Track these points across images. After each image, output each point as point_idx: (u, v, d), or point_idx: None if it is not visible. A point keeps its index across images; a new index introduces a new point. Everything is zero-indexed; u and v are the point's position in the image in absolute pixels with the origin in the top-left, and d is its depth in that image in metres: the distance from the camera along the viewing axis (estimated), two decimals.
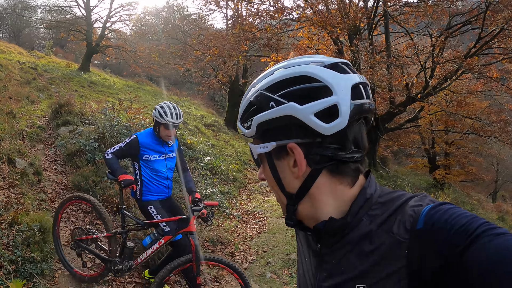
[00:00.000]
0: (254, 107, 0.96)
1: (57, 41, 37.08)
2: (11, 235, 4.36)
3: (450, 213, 0.78)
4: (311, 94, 0.87)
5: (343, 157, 0.89)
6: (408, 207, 0.85)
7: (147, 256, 3.98)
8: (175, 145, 4.36)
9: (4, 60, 15.64)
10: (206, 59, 17.48)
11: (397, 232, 0.82)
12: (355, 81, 0.89)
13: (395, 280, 0.81)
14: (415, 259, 0.78)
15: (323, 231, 0.93)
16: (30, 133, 8.35)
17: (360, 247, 0.88)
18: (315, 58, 0.95)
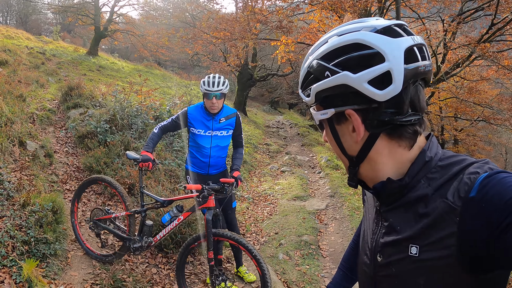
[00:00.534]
0: (312, 76, 1.01)
1: (64, 26, 37.06)
2: (24, 216, 4.35)
3: (504, 182, 0.78)
4: (364, 62, 0.89)
5: (400, 121, 0.91)
6: (465, 173, 0.86)
7: (166, 233, 3.98)
8: (227, 123, 4.27)
9: (12, 45, 15.62)
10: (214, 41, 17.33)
11: (451, 198, 0.85)
12: (408, 44, 0.89)
13: (446, 244, 0.84)
14: (466, 227, 0.81)
15: (381, 191, 0.99)
16: (40, 116, 8.34)
17: (416, 209, 0.92)
18: (368, 23, 0.95)
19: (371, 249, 1.08)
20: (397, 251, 0.96)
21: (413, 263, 0.92)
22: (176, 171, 6.91)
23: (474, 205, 0.80)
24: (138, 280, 4.12)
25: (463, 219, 0.81)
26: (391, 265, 0.99)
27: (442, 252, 0.85)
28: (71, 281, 3.97)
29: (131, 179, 6.06)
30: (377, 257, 1.04)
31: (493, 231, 0.75)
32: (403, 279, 0.96)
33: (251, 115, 21.79)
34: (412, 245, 0.91)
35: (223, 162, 4.43)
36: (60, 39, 27.11)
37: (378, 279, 1.05)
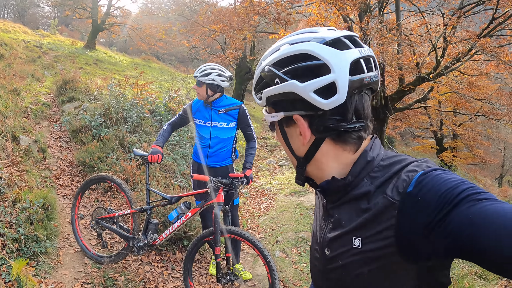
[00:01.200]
0: (263, 81, 1.07)
1: (62, 20, 36.83)
2: (14, 213, 4.26)
3: (439, 177, 0.85)
4: (311, 72, 0.95)
5: (344, 128, 0.98)
6: (404, 171, 0.92)
7: (172, 230, 3.87)
8: (228, 115, 4.15)
9: (9, 39, 15.47)
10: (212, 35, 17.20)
11: (390, 194, 0.90)
12: (355, 57, 0.95)
13: (385, 236, 0.90)
14: (404, 219, 0.86)
15: (327, 189, 1.05)
16: (34, 110, 8.23)
17: (359, 205, 0.98)
18: (318, 34, 1.00)
19: (320, 244, 1.14)
20: (342, 244, 1.02)
21: (357, 254, 0.97)
22: (172, 165, 6.82)
23: (411, 199, 0.86)
24: (131, 279, 4.03)
25: (401, 213, 0.87)
26: (338, 257, 1.04)
27: (382, 242, 0.91)
28: (62, 280, 3.89)
29: (125, 174, 5.96)
30: (325, 251, 1.10)
31: (429, 223, 0.81)
32: (349, 270, 1.01)
33: (249, 108, 21.65)
34: (355, 237, 0.98)
35: (225, 156, 4.28)
36: (58, 32, 26.88)
37: (327, 271, 1.11)
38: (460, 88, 16.59)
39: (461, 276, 4.45)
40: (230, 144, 4.28)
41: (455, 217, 0.77)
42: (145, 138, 7.42)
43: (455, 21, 13.07)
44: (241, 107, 4.17)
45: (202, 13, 20.14)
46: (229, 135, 4.20)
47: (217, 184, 3.60)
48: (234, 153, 4.37)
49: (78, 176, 6.37)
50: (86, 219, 5.13)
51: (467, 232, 0.74)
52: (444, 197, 0.80)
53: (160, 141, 4.11)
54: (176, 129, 4.42)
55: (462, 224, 0.76)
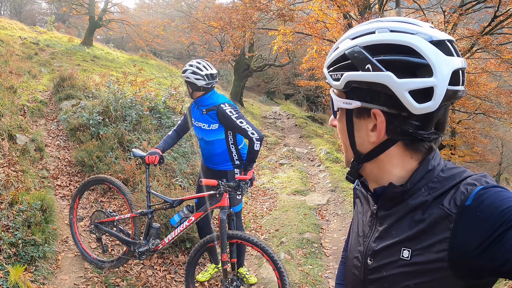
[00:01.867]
0: (348, 62, 0.95)
1: (59, 16, 36.53)
2: (11, 216, 4.11)
3: (500, 195, 0.81)
4: (412, 69, 0.86)
5: (422, 136, 0.91)
6: (463, 184, 0.87)
7: (175, 235, 3.72)
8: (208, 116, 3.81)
9: (5, 36, 15.27)
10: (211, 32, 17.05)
11: (447, 206, 0.86)
12: (457, 66, 0.87)
13: (438, 249, 0.86)
14: (459, 233, 0.83)
15: (382, 195, 1.00)
16: (31, 108, 8.05)
17: (413, 215, 0.93)
18: (423, 29, 0.90)
19: (362, 252, 1.09)
20: (389, 254, 0.97)
21: (404, 266, 0.93)
22: (172, 164, 6.68)
23: (469, 213, 0.82)
24: (133, 284, 3.90)
25: (457, 226, 0.83)
26: (382, 268, 0.99)
27: (434, 256, 0.87)
28: (61, 286, 3.75)
29: (125, 173, 5.82)
30: (367, 260, 1.05)
31: (485, 240, 0.78)
32: (393, 282, 0.96)
33: (248, 105, 21.57)
34: (405, 248, 0.93)
35: (219, 159, 3.98)
36: (55, 29, 26.67)
37: (367, 282, 1.06)
38: None
39: None
40: (222, 147, 3.92)
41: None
42: (145, 136, 7.26)
43: (456, 18, 13.02)
44: (218, 108, 3.75)
45: (201, 9, 19.98)
46: (215, 138, 3.87)
47: (225, 188, 3.44)
48: (239, 158, 4.01)
49: (77, 176, 6.22)
50: (85, 221, 4.99)
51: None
52: (504, 215, 0.77)
53: (161, 146, 3.96)
54: (183, 132, 4.19)
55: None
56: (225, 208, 3.47)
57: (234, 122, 3.71)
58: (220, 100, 3.80)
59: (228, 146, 3.93)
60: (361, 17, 13.88)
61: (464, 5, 14.05)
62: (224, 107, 3.73)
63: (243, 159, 3.99)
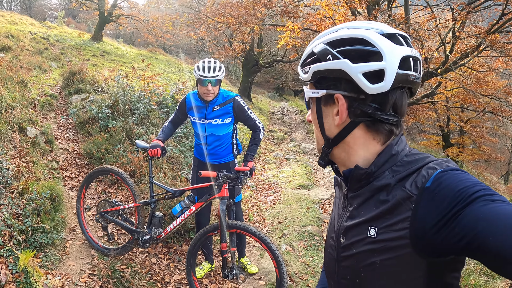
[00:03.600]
0: (314, 57, 1.09)
1: (69, 12, 36.82)
2: (21, 205, 4.28)
3: (457, 176, 0.89)
4: (364, 56, 0.99)
5: (380, 116, 1.02)
6: (424, 168, 0.96)
7: (177, 225, 3.82)
8: (223, 111, 3.93)
9: (15, 31, 15.44)
10: (219, 26, 17.12)
11: (409, 188, 0.95)
12: (406, 53, 1.00)
13: (400, 227, 0.94)
14: (419, 213, 0.90)
15: (350, 177, 1.09)
16: (41, 101, 8.23)
17: (378, 196, 1.02)
18: (377, 25, 1.05)
19: (336, 232, 1.18)
20: (358, 232, 1.06)
21: (371, 244, 1.01)
22: (179, 157, 6.81)
23: (428, 194, 0.90)
24: (137, 271, 4.03)
25: (417, 206, 0.91)
26: (352, 245, 1.08)
27: (397, 234, 0.95)
28: (68, 271, 3.90)
29: (132, 166, 5.96)
30: (340, 239, 1.14)
31: (442, 218, 0.85)
32: (361, 259, 1.04)
33: (256, 101, 21.63)
34: (371, 227, 1.01)
35: (224, 152, 4.12)
36: (65, 24, 26.84)
37: (340, 259, 1.14)
38: (468, 84, 16.47)
39: (467, 273, 4.42)
40: (228, 140, 4.12)
41: (468, 214, 0.80)
42: (152, 130, 7.40)
43: (464, 16, 12.93)
44: (235, 100, 3.95)
45: (209, 5, 20.03)
46: (225, 132, 4.03)
47: (224, 179, 3.54)
48: (237, 148, 4.23)
49: (85, 167, 6.38)
50: (93, 211, 5.13)
51: (477, 229, 0.77)
52: (460, 194, 0.84)
53: (161, 136, 4.00)
54: (177, 125, 4.26)
55: (474, 221, 0.78)
56: (225, 199, 3.56)
57: (246, 113, 3.99)
58: (232, 93, 3.99)
59: (232, 138, 4.14)
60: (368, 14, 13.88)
61: (472, 2, 13.94)
62: (239, 99, 3.98)
63: (239, 149, 4.25)
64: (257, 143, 4.10)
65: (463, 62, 14.45)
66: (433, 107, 20.55)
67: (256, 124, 4.03)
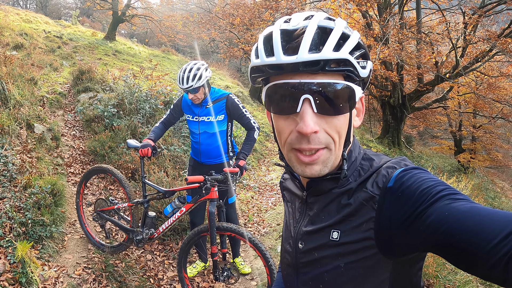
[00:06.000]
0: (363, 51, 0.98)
1: (84, 11, 37.22)
2: (23, 198, 4.40)
3: (418, 176, 0.89)
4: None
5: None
6: (383, 168, 0.97)
7: (168, 225, 3.86)
8: (215, 108, 3.91)
9: (29, 29, 15.70)
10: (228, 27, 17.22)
11: (370, 188, 0.95)
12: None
13: (365, 228, 0.94)
14: (383, 213, 0.91)
15: (314, 185, 1.07)
16: (50, 99, 8.40)
17: (339, 200, 1.01)
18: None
19: (293, 237, 1.15)
20: (320, 237, 1.04)
21: (334, 247, 1.00)
22: (182, 157, 6.91)
23: (391, 194, 0.90)
24: (131, 266, 4.13)
25: (381, 206, 0.91)
26: (314, 250, 1.06)
27: (361, 235, 0.94)
28: (64, 263, 4.01)
29: (135, 164, 6.08)
30: (298, 244, 1.11)
31: (407, 218, 0.85)
32: (324, 263, 1.03)
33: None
34: (334, 230, 1.00)
35: (217, 152, 4.07)
36: (79, 23, 27.18)
37: (300, 265, 1.11)
38: (479, 89, 16.30)
39: (463, 282, 4.42)
40: (222, 139, 4.06)
41: (433, 212, 0.80)
42: None
43: (476, 20, 12.81)
44: (228, 97, 3.93)
45: (220, 6, 20.17)
46: (219, 129, 3.99)
47: (212, 182, 3.53)
48: (232, 149, 4.18)
49: (89, 164, 6.52)
50: (93, 207, 5.26)
51: (443, 227, 0.77)
52: (424, 194, 0.84)
53: (152, 136, 4.01)
54: (169, 126, 4.26)
55: (440, 219, 0.78)
56: (214, 201, 3.55)
57: (241, 111, 3.93)
58: (226, 92, 3.98)
59: (227, 137, 4.09)
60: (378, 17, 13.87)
61: (484, 6, 13.82)
62: (233, 97, 3.94)
63: (235, 151, 4.19)
64: (251, 143, 4.03)
65: (474, 67, 14.37)
66: (444, 112, 20.42)
67: (251, 123, 3.97)
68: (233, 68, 31.55)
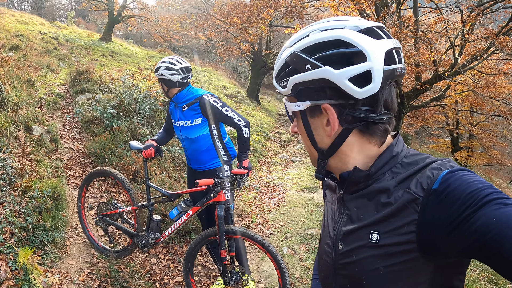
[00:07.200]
0: (290, 68, 1.02)
1: (79, 12, 37.09)
2: (24, 202, 4.29)
3: (466, 178, 0.84)
4: (346, 59, 0.93)
5: (373, 118, 0.96)
6: (428, 168, 0.92)
7: (174, 229, 3.72)
8: (190, 111, 3.65)
9: (25, 30, 15.58)
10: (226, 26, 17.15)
11: (414, 189, 0.90)
12: (389, 47, 0.94)
13: (406, 231, 0.90)
14: (426, 215, 0.86)
15: (348, 179, 1.03)
16: (48, 100, 8.28)
17: (378, 199, 0.97)
18: (350, 22, 0.97)
19: (332, 238, 1.11)
20: (358, 238, 1.00)
21: (373, 249, 0.96)
22: (183, 158, 6.81)
23: (436, 196, 0.85)
24: (136, 271, 4.02)
25: (424, 208, 0.87)
26: (352, 252, 1.02)
27: (402, 238, 0.90)
28: (67, 269, 3.90)
29: (136, 165, 5.97)
30: (338, 245, 1.07)
31: (452, 221, 0.80)
32: (363, 265, 0.99)
33: (264, 103, 21.62)
34: (373, 231, 0.96)
35: (206, 157, 3.80)
36: (74, 24, 27.05)
37: (338, 267, 1.08)
38: (477, 87, 16.35)
39: (471, 280, 4.36)
40: (208, 143, 3.75)
41: (480, 218, 0.76)
42: (157, 130, 7.42)
43: (474, 18, 12.84)
44: (201, 99, 3.61)
45: (217, 6, 20.08)
46: (199, 134, 3.69)
47: (222, 186, 3.38)
48: (226, 153, 3.86)
49: (89, 166, 6.40)
50: (95, 210, 5.14)
51: (490, 234, 0.74)
52: (471, 197, 0.80)
53: (155, 138, 3.92)
54: (169, 133, 4.09)
55: (486, 225, 0.75)
56: (222, 204, 3.42)
57: (219, 111, 3.61)
58: (200, 92, 3.70)
59: (213, 141, 3.78)
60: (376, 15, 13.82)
61: (482, 4, 13.82)
62: (207, 97, 3.62)
63: (231, 154, 3.91)
64: (244, 143, 3.71)
65: (472, 65, 14.36)
66: (442, 110, 20.45)
67: (235, 122, 3.63)
68: (229, 68, 31.48)
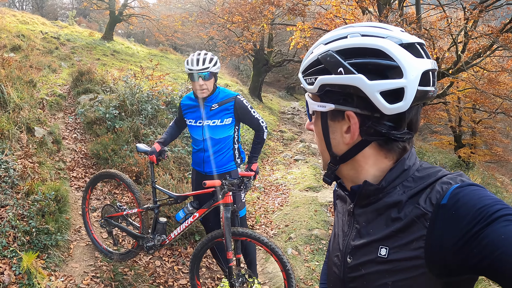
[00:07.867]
0: (321, 66, 0.98)
1: (80, 11, 37.01)
2: (26, 205, 4.27)
3: (475, 193, 0.82)
4: (382, 72, 0.89)
5: (395, 136, 0.94)
6: (438, 183, 0.89)
7: (180, 231, 3.69)
8: (222, 110, 3.57)
9: (26, 30, 15.54)
10: (228, 25, 17.11)
11: (423, 205, 0.88)
12: (427, 67, 0.91)
13: (414, 246, 0.88)
14: (435, 231, 0.84)
15: (358, 192, 1.01)
16: (50, 101, 8.25)
17: (389, 213, 0.95)
18: (393, 33, 0.94)
19: (342, 251, 1.10)
20: (367, 252, 0.99)
21: (381, 264, 0.95)
22: (186, 158, 6.78)
23: (445, 212, 0.83)
24: (140, 274, 4.00)
25: (433, 224, 0.85)
26: (361, 266, 1.01)
27: (411, 253, 0.89)
28: (71, 273, 3.88)
29: (139, 166, 5.95)
30: (347, 258, 1.07)
31: (461, 237, 0.79)
32: (371, 280, 0.98)
33: (267, 101, 21.57)
34: (382, 246, 0.95)
35: (225, 160, 3.71)
36: (76, 24, 27.00)
37: (347, 279, 1.07)
38: (480, 84, 16.30)
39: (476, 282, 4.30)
40: (230, 145, 3.70)
41: (489, 234, 0.75)
42: (160, 130, 7.40)
43: (477, 15, 12.77)
44: (236, 99, 3.57)
45: (219, 4, 20.01)
46: (226, 134, 3.63)
47: (230, 187, 3.34)
48: (239, 156, 3.82)
49: (92, 168, 6.38)
50: (98, 212, 5.12)
51: (499, 251, 0.72)
52: (480, 213, 0.78)
53: (163, 138, 3.83)
54: (181, 128, 4.01)
55: (495, 242, 0.74)
56: (229, 205, 3.38)
57: (250, 113, 3.62)
58: (233, 92, 3.65)
59: (233, 143, 3.75)
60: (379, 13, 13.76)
61: (485, 1, 13.76)
62: (241, 97, 3.62)
63: (242, 157, 3.87)
64: (261, 145, 3.75)
65: (475, 62, 14.31)
66: (444, 108, 20.38)
67: (260, 124, 3.67)
68: (231, 66, 31.43)
